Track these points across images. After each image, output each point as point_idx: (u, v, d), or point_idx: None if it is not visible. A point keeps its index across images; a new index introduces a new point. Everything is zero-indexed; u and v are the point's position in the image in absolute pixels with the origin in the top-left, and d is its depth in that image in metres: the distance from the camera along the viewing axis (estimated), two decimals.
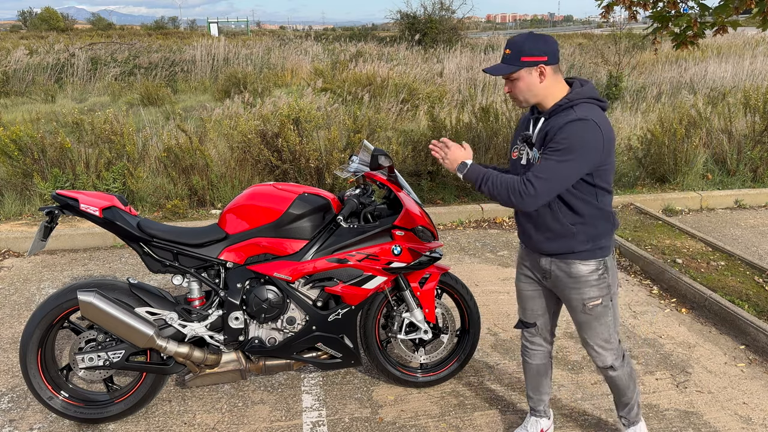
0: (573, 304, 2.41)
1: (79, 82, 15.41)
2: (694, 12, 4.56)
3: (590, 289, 2.35)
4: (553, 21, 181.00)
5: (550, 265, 2.40)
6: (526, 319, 2.64)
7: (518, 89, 2.23)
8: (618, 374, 2.52)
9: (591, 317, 2.40)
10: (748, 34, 21.57)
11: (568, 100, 2.19)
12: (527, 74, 2.19)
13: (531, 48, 2.18)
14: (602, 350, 2.46)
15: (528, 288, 2.57)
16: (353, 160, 3.14)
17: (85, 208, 2.69)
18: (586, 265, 2.33)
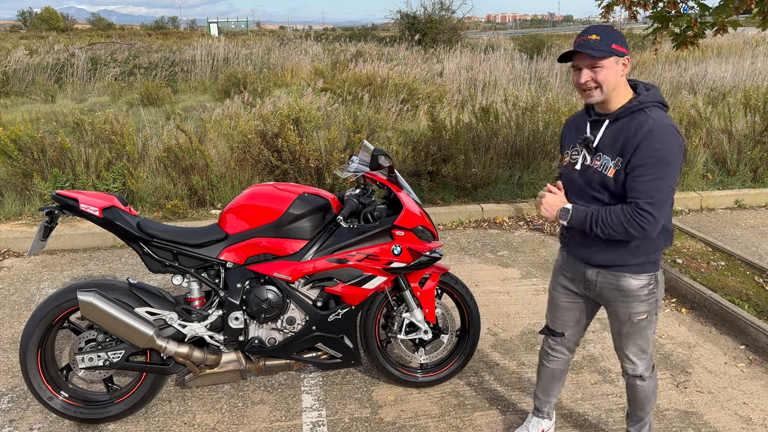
0: (618, 316, 2.33)
1: (79, 82, 15.40)
2: (694, 12, 4.56)
3: (639, 304, 2.27)
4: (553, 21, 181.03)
5: (597, 276, 2.30)
6: (555, 328, 2.55)
7: (602, 77, 2.07)
8: (645, 385, 2.47)
9: (634, 330, 2.33)
10: (748, 33, 21.58)
11: (639, 102, 2.10)
12: (615, 63, 2.07)
13: (618, 39, 2.08)
14: (637, 360, 2.41)
15: (564, 299, 2.47)
16: (353, 160, 3.14)
17: (84, 208, 2.69)
18: (638, 279, 2.24)
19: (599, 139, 2.16)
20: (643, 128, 2.04)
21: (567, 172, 2.29)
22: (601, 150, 2.16)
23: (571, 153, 2.28)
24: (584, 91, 2.12)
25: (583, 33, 2.10)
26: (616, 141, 2.11)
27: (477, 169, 6.55)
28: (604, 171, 2.13)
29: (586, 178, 2.20)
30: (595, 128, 2.19)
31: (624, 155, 2.08)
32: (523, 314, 4.12)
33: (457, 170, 6.52)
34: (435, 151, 6.58)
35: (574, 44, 2.09)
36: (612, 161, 2.11)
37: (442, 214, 6.03)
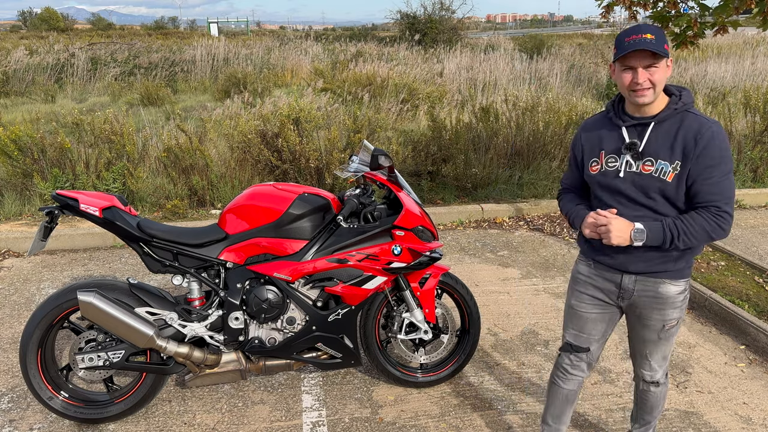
0: (650, 323, 2.23)
1: (79, 82, 15.41)
2: (694, 12, 4.56)
3: (674, 311, 2.20)
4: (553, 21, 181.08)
5: (635, 284, 2.18)
6: (579, 343, 2.37)
7: (658, 78, 1.97)
8: (659, 391, 2.43)
9: (664, 337, 2.26)
10: (748, 33, 21.58)
11: (684, 104, 2.04)
12: (666, 65, 1.99)
13: (666, 39, 2.00)
14: (658, 366, 2.36)
15: (593, 310, 2.31)
16: (353, 160, 3.14)
17: (85, 208, 2.69)
18: (677, 285, 2.16)
19: (646, 143, 2.05)
20: (704, 130, 1.98)
21: (605, 180, 2.14)
22: (650, 155, 2.04)
23: (607, 160, 2.13)
24: (637, 91, 2.00)
25: (634, 31, 1.99)
26: (671, 144, 2.01)
27: (477, 169, 6.55)
28: (662, 176, 2.02)
29: (638, 185, 2.07)
30: (634, 132, 2.09)
31: (685, 158, 1.99)
32: (523, 314, 4.12)
33: (457, 170, 6.52)
34: (435, 151, 6.58)
35: (627, 43, 1.97)
36: (671, 165, 2.01)
37: (442, 214, 6.03)
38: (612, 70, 2.10)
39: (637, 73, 1.98)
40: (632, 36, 1.97)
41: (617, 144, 2.12)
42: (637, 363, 2.41)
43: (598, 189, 2.19)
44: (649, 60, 1.96)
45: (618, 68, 2.04)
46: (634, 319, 2.29)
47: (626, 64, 2.00)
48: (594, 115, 2.31)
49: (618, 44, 2.01)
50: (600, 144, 2.17)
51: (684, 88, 2.09)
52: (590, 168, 2.19)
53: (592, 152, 2.20)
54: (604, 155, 2.15)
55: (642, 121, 2.07)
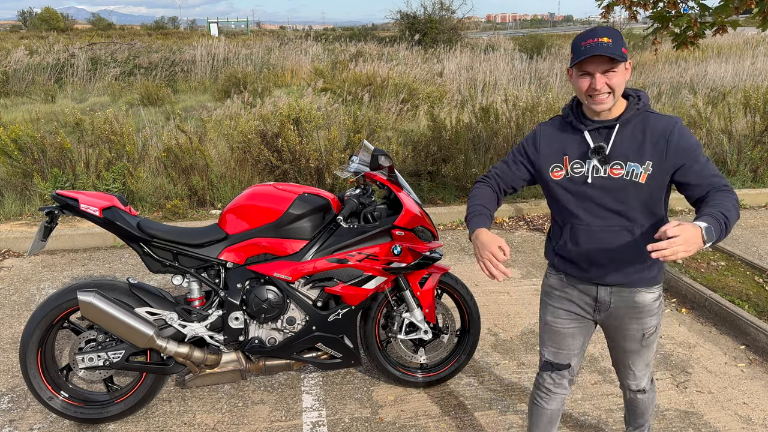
0: (630, 333, 2.18)
1: (79, 82, 15.41)
2: (694, 12, 4.56)
3: (651, 318, 2.16)
4: (553, 21, 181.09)
5: (611, 296, 2.12)
6: (559, 360, 2.27)
7: (616, 83, 1.92)
8: (646, 396, 2.40)
9: (645, 345, 2.21)
10: (748, 34, 21.58)
11: (644, 104, 2.02)
12: (625, 68, 1.95)
13: (624, 42, 1.94)
14: (641, 374, 2.31)
15: (570, 325, 2.22)
16: (353, 160, 3.14)
17: (85, 208, 2.69)
18: (651, 292, 2.13)
19: (612, 146, 2.00)
20: (670, 127, 1.97)
21: (572, 187, 2.06)
22: (618, 158, 1.99)
23: (572, 166, 2.05)
24: (595, 97, 1.95)
25: (590, 35, 1.92)
26: (640, 146, 1.97)
27: (477, 169, 6.55)
28: (634, 178, 1.98)
29: (608, 190, 2.01)
30: (598, 136, 2.03)
31: (659, 158, 1.96)
32: (523, 314, 4.12)
33: (457, 170, 6.52)
34: (435, 151, 6.58)
35: (584, 48, 1.91)
36: (642, 167, 1.97)
37: (442, 214, 6.03)
38: (570, 74, 2.02)
39: (594, 79, 1.92)
40: (589, 40, 1.91)
41: (582, 149, 2.04)
42: (620, 374, 2.36)
43: (562, 195, 2.09)
44: (606, 65, 1.91)
45: (575, 73, 1.98)
46: (613, 331, 2.23)
47: (583, 69, 1.94)
48: (551, 119, 2.22)
49: (574, 49, 1.96)
50: (563, 149, 2.08)
51: (641, 91, 2.07)
52: (552, 174, 2.10)
53: (553, 157, 2.10)
54: (569, 161, 2.06)
55: (605, 124, 2.01)
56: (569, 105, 2.13)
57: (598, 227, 2.05)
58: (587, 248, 2.08)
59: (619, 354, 2.28)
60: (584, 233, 2.08)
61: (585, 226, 2.07)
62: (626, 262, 2.06)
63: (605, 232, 2.05)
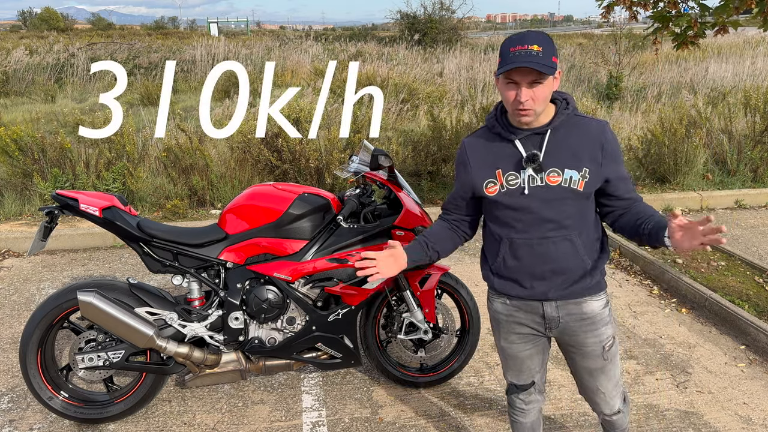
0: (589, 349, 2.06)
1: (78, 82, 15.41)
2: (694, 12, 4.56)
3: (606, 327, 2.06)
4: (554, 21, 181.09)
5: (558, 311, 2.03)
6: (522, 381, 2.22)
7: (540, 97, 1.83)
8: (621, 416, 2.25)
9: (608, 360, 2.09)
10: (748, 33, 21.58)
11: (573, 109, 1.96)
12: (554, 80, 1.86)
13: (555, 51, 1.85)
14: (612, 395, 2.17)
15: (524, 348, 2.14)
16: (353, 160, 3.14)
17: (84, 208, 2.69)
18: (598, 299, 2.04)
19: (545, 153, 1.91)
20: (605, 133, 1.93)
21: (509, 200, 1.95)
22: (554, 165, 1.91)
23: (507, 178, 1.94)
24: (520, 110, 1.84)
25: (519, 41, 1.81)
26: (575, 152, 1.91)
27: None
28: (573, 185, 1.90)
29: (547, 200, 1.92)
30: (530, 145, 1.93)
31: (594, 164, 1.91)
32: None
33: None
34: (435, 151, 6.57)
35: (512, 55, 1.80)
36: (579, 173, 1.90)
37: None
38: (497, 81, 1.89)
39: (520, 91, 1.81)
40: (518, 46, 1.80)
41: (515, 159, 1.94)
42: (591, 401, 2.22)
43: (498, 210, 1.99)
44: (534, 76, 1.79)
45: (502, 81, 1.86)
46: (572, 351, 2.12)
47: (510, 78, 1.82)
48: (474, 132, 2.10)
49: (502, 55, 1.83)
50: (495, 163, 1.97)
51: (566, 94, 2.00)
52: (486, 190, 1.98)
53: (485, 173, 1.99)
54: (503, 173, 1.95)
55: (536, 131, 1.92)
56: (493, 114, 2.02)
57: (537, 239, 1.96)
58: (527, 262, 1.99)
59: (584, 378, 2.15)
60: (523, 247, 1.98)
61: (524, 239, 1.97)
62: (568, 273, 1.98)
63: (545, 244, 1.95)
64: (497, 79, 1.88)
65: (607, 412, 2.21)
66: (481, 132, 2.07)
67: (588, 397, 2.22)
